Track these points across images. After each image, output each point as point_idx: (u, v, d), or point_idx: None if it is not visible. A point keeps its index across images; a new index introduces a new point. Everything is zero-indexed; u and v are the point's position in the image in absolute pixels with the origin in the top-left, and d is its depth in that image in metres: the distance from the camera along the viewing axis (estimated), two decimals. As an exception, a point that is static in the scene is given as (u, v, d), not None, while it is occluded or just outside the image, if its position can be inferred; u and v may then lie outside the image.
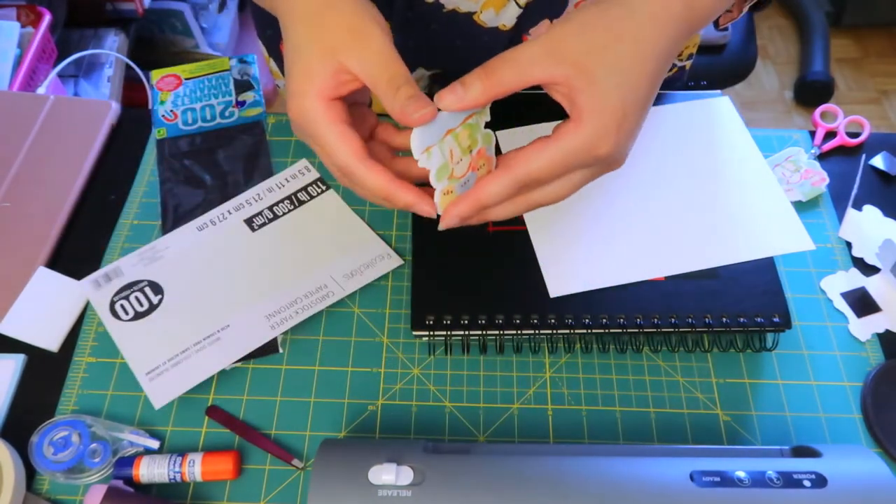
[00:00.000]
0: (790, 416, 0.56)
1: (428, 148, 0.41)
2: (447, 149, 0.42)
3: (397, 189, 0.42)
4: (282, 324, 0.58)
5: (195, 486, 0.52)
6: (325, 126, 0.42)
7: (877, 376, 0.57)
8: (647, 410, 0.56)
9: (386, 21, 0.44)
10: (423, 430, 0.55)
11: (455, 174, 0.43)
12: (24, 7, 1.32)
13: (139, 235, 0.64)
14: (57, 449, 0.52)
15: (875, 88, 2.02)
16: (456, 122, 0.42)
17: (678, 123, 0.67)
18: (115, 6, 1.50)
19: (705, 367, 0.58)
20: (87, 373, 0.56)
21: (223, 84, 0.73)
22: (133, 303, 0.59)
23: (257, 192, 0.66)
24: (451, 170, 0.42)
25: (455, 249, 0.60)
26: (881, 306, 0.61)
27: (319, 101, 0.42)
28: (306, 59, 0.42)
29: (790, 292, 0.61)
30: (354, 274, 0.61)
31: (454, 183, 0.43)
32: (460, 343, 0.58)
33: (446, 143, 0.41)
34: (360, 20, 0.42)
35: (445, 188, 0.43)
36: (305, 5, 0.43)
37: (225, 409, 0.55)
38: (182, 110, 0.71)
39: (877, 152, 0.70)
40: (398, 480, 0.43)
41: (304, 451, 0.54)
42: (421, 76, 0.72)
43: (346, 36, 0.42)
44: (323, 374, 0.57)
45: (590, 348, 0.58)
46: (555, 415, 0.55)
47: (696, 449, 0.49)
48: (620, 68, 0.41)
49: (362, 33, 0.42)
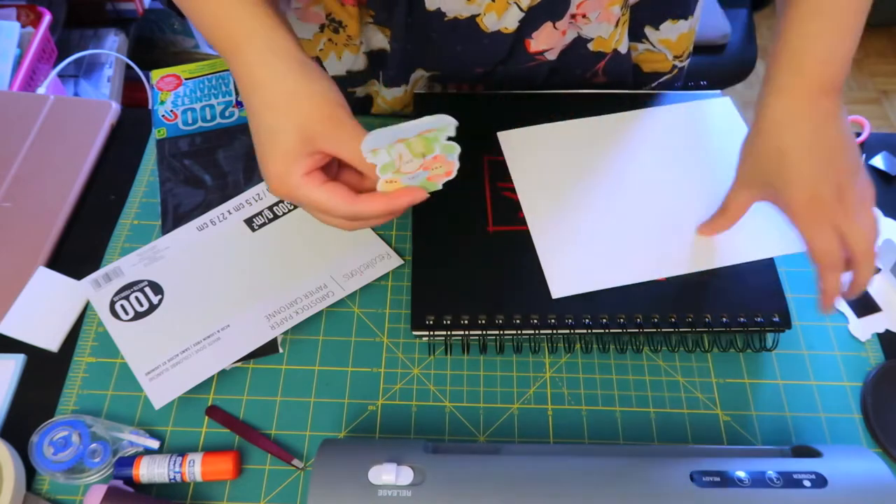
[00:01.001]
0: (790, 416, 0.56)
1: (376, 150, 0.45)
2: (396, 153, 0.45)
3: (394, 200, 0.47)
4: (282, 324, 0.58)
5: (195, 486, 0.52)
6: (316, 192, 0.47)
7: (877, 376, 0.57)
8: (647, 410, 0.56)
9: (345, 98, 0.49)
10: (423, 430, 0.55)
11: (402, 170, 0.47)
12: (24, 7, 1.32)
13: (139, 235, 0.64)
14: (57, 449, 0.52)
15: (875, 88, 2.02)
16: (410, 134, 0.45)
17: (679, 124, 0.67)
18: (115, 6, 1.50)
19: (705, 367, 0.58)
20: (87, 373, 0.56)
21: (223, 84, 0.73)
22: (133, 303, 0.59)
23: (257, 192, 0.66)
24: (397, 167, 0.46)
25: (455, 249, 0.60)
26: (881, 306, 0.61)
27: (304, 177, 0.47)
28: (285, 145, 0.46)
29: (790, 292, 0.61)
30: (354, 274, 0.61)
31: (400, 176, 0.47)
32: (460, 343, 0.58)
33: (396, 149, 0.45)
34: (333, 109, 0.47)
35: (389, 179, 0.47)
36: (275, 93, 0.47)
37: (225, 409, 0.55)
38: (182, 110, 0.71)
39: (877, 152, 0.70)
40: (398, 480, 0.43)
41: (304, 451, 0.54)
42: (420, 77, 0.72)
43: (324, 125, 0.47)
44: (323, 374, 0.57)
45: (590, 348, 0.58)
46: (555, 415, 0.55)
47: (696, 449, 0.49)
48: (799, 164, 0.49)
49: (338, 121, 0.47)
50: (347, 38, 0.68)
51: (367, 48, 0.70)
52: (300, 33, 0.68)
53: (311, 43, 0.70)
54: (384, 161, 0.46)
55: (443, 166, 0.47)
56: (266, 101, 0.47)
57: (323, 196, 0.47)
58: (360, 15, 0.66)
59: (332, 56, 0.70)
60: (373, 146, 0.45)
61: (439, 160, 0.47)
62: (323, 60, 0.71)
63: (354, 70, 0.72)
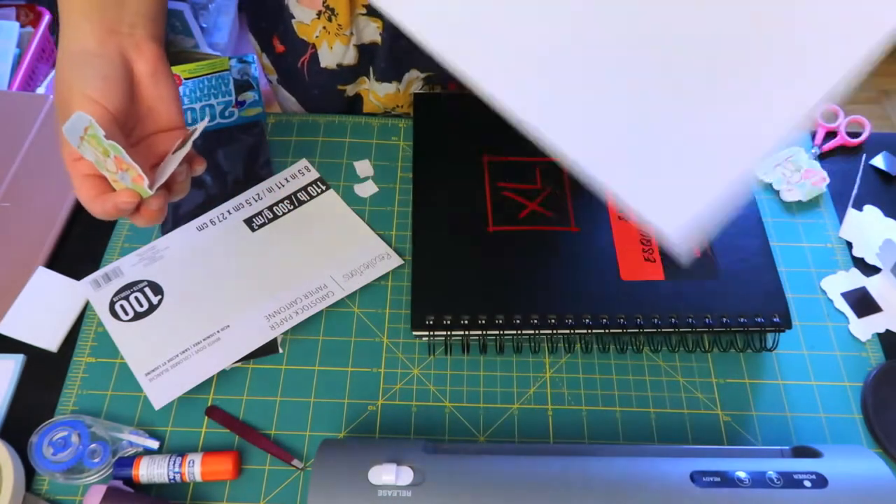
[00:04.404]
0: (790, 416, 0.56)
1: (81, 145, 0.46)
2: (88, 148, 0.46)
3: (105, 202, 0.47)
4: (282, 324, 0.58)
5: (195, 486, 0.52)
6: (76, 181, 0.48)
7: (877, 376, 0.57)
8: (648, 410, 0.56)
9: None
10: (423, 430, 0.54)
11: (108, 168, 0.46)
12: (23, 7, 1.32)
13: (139, 235, 0.64)
14: (56, 449, 0.52)
15: (875, 88, 2.02)
16: (80, 132, 0.45)
17: None
18: (115, 6, 1.49)
19: (705, 367, 0.58)
20: (87, 373, 0.56)
21: (223, 84, 0.73)
22: (133, 303, 0.59)
23: (257, 192, 0.66)
24: (103, 164, 0.46)
25: (455, 249, 0.60)
26: (881, 306, 0.61)
27: (72, 163, 0.48)
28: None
29: (790, 292, 0.61)
30: (354, 274, 0.61)
31: (110, 174, 0.47)
32: (460, 343, 0.58)
33: (85, 144, 0.45)
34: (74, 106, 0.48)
35: (110, 177, 0.47)
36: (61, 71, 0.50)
37: (225, 409, 0.55)
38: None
39: (877, 152, 0.70)
40: (398, 480, 0.43)
41: (304, 451, 0.54)
42: (414, 77, 0.72)
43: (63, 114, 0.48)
44: (323, 374, 0.57)
45: (590, 348, 0.58)
46: (555, 415, 0.55)
47: (697, 449, 0.49)
48: None
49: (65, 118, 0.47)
50: (338, 27, 0.68)
51: (357, 40, 0.70)
52: (301, 17, 0.69)
53: (309, 28, 0.70)
54: (91, 158, 0.46)
55: (130, 169, 0.46)
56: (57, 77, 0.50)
57: (75, 183, 0.48)
58: (351, 4, 0.66)
59: (325, 45, 0.70)
60: (69, 135, 0.45)
61: (120, 161, 0.46)
62: (318, 48, 0.71)
63: (345, 64, 0.72)
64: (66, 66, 0.49)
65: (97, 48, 0.49)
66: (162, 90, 0.51)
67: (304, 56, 0.73)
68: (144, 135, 0.52)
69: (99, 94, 0.48)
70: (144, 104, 0.51)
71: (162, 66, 0.52)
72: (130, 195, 0.47)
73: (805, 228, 0.65)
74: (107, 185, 0.48)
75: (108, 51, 0.49)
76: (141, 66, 0.51)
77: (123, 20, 0.50)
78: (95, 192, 0.47)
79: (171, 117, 0.52)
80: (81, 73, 0.48)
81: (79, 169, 0.48)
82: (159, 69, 0.51)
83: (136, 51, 0.51)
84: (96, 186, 0.47)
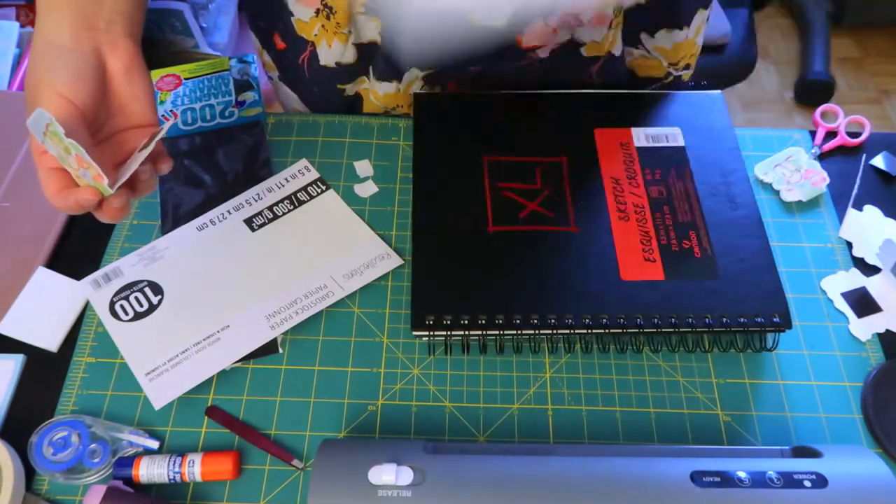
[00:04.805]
0: (790, 416, 0.56)
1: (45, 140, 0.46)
2: (51, 144, 0.46)
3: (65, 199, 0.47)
4: (282, 324, 0.58)
5: (195, 486, 0.52)
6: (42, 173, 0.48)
7: (877, 376, 0.57)
8: (647, 410, 0.56)
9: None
10: (423, 430, 0.54)
11: (71, 164, 0.46)
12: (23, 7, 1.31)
13: (139, 235, 0.64)
14: (56, 449, 0.52)
15: (875, 88, 2.02)
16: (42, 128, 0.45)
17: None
18: (115, 6, 1.49)
19: (705, 367, 0.58)
20: (87, 373, 0.56)
21: (223, 84, 0.73)
22: (133, 303, 0.59)
23: (257, 192, 0.66)
24: (66, 160, 0.46)
25: (455, 249, 0.60)
26: (881, 306, 0.61)
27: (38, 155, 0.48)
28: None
29: (790, 292, 0.61)
30: (354, 274, 0.61)
31: (74, 170, 0.47)
32: (460, 343, 0.58)
33: (48, 139, 0.45)
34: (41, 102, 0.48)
35: (73, 173, 0.47)
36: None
37: (225, 409, 0.55)
38: (182, 110, 0.71)
39: (877, 152, 0.70)
40: (398, 480, 0.43)
41: (304, 451, 0.54)
42: (414, 77, 0.72)
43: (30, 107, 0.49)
44: (323, 374, 0.57)
45: (590, 348, 0.58)
46: (555, 415, 0.55)
47: (697, 449, 0.49)
48: None
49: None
50: (336, 25, 0.68)
51: (356, 39, 0.70)
52: (300, 15, 0.69)
53: (307, 25, 0.70)
54: (54, 153, 0.46)
55: (90, 168, 0.46)
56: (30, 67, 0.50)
57: (41, 175, 0.48)
58: (350, 3, 0.66)
59: (324, 43, 0.70)
60: (33, 130, 0.45)
61: (81, 161, 0.46)
62: (317, 46, 0.71)
63: (344, 62, 0.72)
64: (39, 58, 0.49)
65: (71, 42, 0.49)
66: (136, 88, 0.51)
67: (304, 53, 0.73)
68: (115, 131, 0.52)
69: (67, 89, 0.48)
70: (117, 101, 0.51)
71: (137, 64, 0.52)
72: (91, 192, 0.47)
73: (805, 228, 0.65)
74: (71, 180, 0.48)
75: (81, 46, 0.49)
76: (115, 64, 0.51)
77: (101, 16, 0.50)
78: (59, 186, 0.47)
79: (145, 115, 0.52)
80: (52, 66, 0.48)
81: (44, 162, 0.48)
82: (134, 67, 0.51)
83: (110, 47, 0.51)
84: (60, 181, 0.47)
